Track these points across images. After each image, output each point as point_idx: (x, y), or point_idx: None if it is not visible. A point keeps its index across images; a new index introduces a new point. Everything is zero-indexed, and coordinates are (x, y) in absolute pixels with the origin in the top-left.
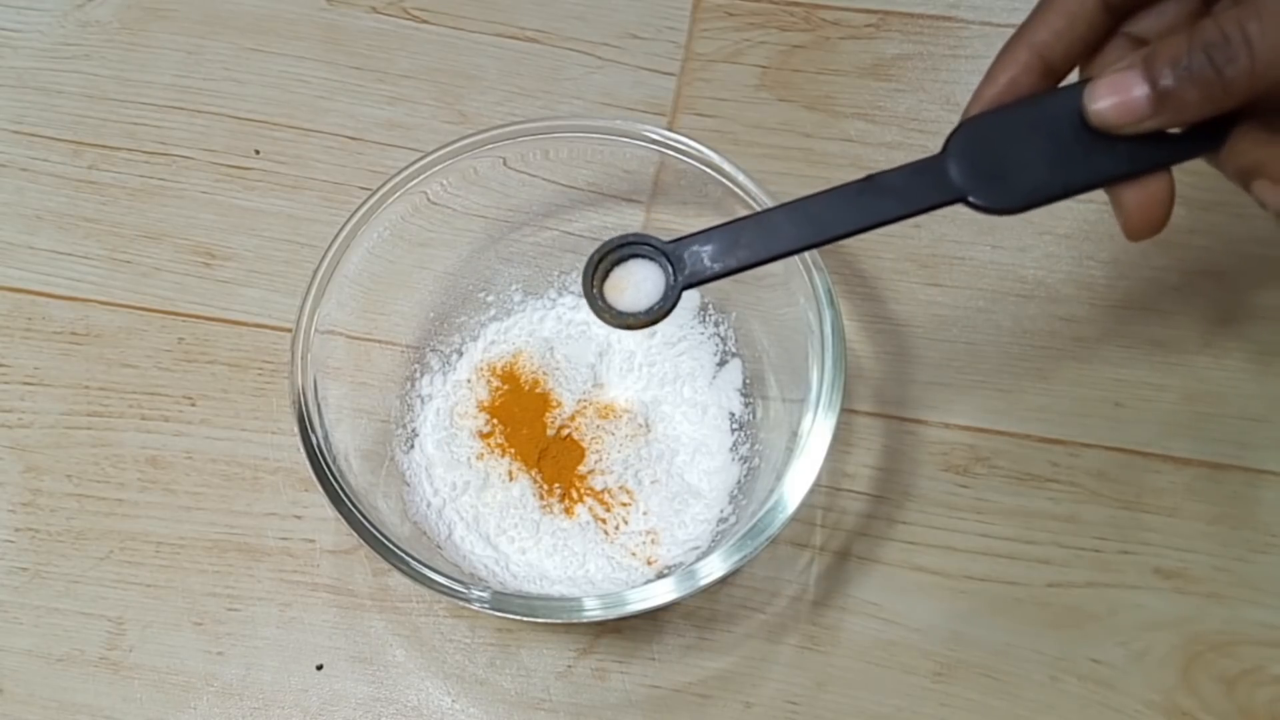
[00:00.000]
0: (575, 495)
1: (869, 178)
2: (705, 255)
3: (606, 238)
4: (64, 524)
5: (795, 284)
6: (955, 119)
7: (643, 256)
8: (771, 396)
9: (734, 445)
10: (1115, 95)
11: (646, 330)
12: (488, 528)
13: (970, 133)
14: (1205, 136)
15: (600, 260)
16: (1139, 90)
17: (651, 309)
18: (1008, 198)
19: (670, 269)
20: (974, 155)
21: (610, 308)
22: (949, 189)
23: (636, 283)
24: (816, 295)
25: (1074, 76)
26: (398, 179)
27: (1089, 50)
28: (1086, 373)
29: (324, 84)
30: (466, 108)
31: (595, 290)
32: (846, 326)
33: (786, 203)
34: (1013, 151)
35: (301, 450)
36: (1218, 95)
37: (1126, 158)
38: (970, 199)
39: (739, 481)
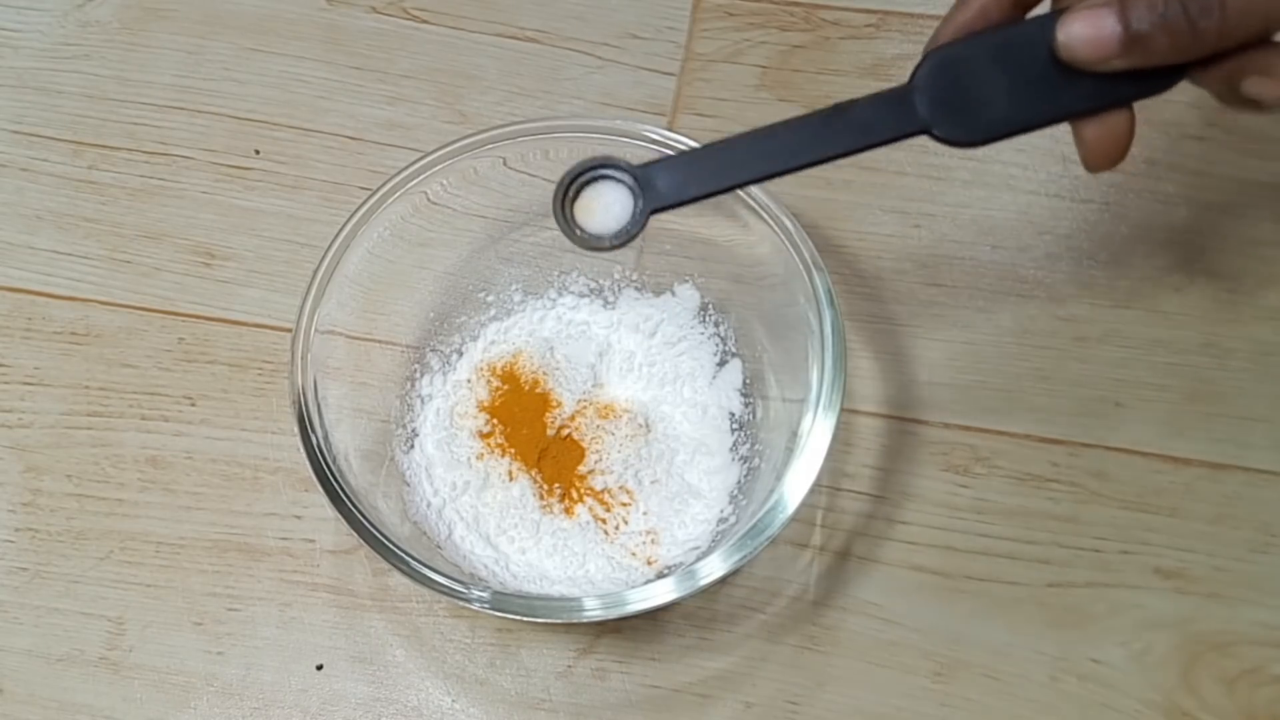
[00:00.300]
0: (575, 495)
1: (835, 107)
2: (674, 181)
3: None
4: (64, 524)
5: (795, 284)
6: None
7: (612, 179)
8: (771, 396)
9: (734, 445)
10: (1087, 31)
11: (647, 330)
12: (488, 528)
13: (936, 64)
14: (1167, 74)
15: (571, 183)
16: (1111, 29)
17: (619, 233)
18: (971, 131)
19: (639, 194)
20: (939, 87)
21: (579, 229)
22: (913, 120)
23: (606, 205)
24: (816, 295)
25: (1044, 8)
26: (398, 179)
27: None
28: (1086, 373)
29: (324, 84)
30: (466, 108)
31: (565, 212)
32: (846, 326)
33: (753, 130)
34: (977, 84)
35: (301, 450)
36: (1187, 45)
37: (1090, 93)
38: (934, 131)
39: (739, 481)
